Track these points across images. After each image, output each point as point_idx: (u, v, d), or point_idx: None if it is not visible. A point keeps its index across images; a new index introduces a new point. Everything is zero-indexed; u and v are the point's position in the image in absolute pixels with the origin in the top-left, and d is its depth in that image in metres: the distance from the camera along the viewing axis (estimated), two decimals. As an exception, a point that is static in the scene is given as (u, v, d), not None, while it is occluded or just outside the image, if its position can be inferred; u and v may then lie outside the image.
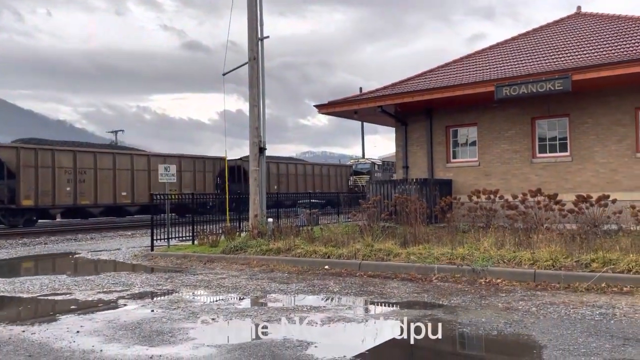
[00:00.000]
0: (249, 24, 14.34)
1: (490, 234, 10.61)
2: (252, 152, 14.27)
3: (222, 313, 6.77)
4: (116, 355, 5.02)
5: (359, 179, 42.82)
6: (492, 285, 8.17)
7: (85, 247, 16.79)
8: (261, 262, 11.11)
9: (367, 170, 43.77)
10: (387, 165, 46.35)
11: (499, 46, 19.22)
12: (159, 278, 9.86)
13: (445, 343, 5.46)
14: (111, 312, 7.03)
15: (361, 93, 20.70)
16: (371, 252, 10.31)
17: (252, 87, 14.26)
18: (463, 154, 17.53)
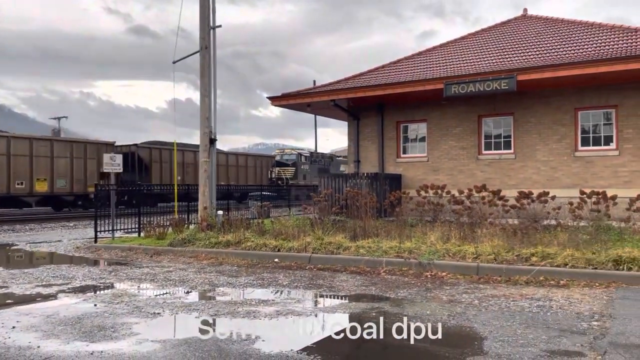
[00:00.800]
0: (200, 11, 14.03)
1: (437, 228, 10.88)
2: (202, 143, 14.01)
3: (167, 307, 6.63)
4: (54, 352, 4.83)
5: (282, 171, 39.53)
6: (438, 278, 8.39)
7: (24, 238, 16.05)
8: (210, 255, 10.95)
9: (292, 162, 40.33)
10: (317, 157, 43.40)
11: (449, 45, 19.64)
12: (102, 271, 9.55)
13: (390, 335, 5.55)
14: (50, 307, 6.75)
15: (315, 86, 20.70)
16: (321, 246, 10.36)
17: (204, 77, 13.98)
18: (413, 150, 17.86)
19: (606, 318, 5.84)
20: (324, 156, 45.74)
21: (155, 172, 31.11)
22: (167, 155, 31.77)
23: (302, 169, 40.46)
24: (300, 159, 41.16)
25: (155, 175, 31.04)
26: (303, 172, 40.45)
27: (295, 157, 41.17)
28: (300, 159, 41.14)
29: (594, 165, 14.84)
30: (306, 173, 40.59)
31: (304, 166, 40.81)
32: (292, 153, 41.80)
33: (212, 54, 14.19)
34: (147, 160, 31.04)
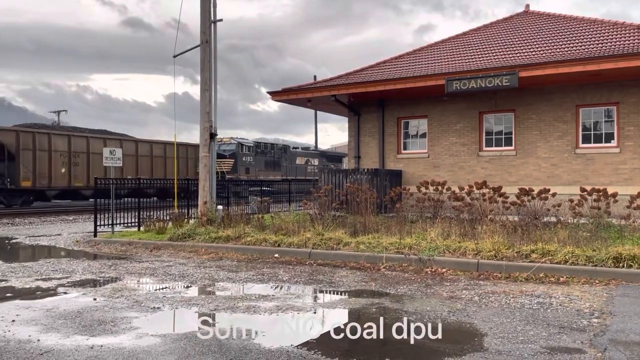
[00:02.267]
0: (201, 5, 13.98)
1: (437, 224, 10.87)
2: (202, 138, 13.99)
3: (167, 302, 6.62)
4: (54, 345, 4.82)
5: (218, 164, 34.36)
6: (438, 274, 8.38)
7: (24, 232, 16.05)
8: (210, 250, 10.94)
9: (230, 153, 34.75)
10: (266, 148, 37.84)
11: (450, 40, 19.59)
12: (102, 265, 9.55)
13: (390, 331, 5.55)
14: (50, 301, 6.75)
15: (315, 81, 20.66)
16: (321, 241, 10.35)
17: (204, 71, 13.94)
18: (413, 146, 17.83)
19: (606, 315, 5.84)
20: (275, 147, 39.98)
21: (25, 162, 24.99)
22: (45, 142, 26.01)
23: (243, 161, 35.29)
24: (241, 149, 35.51)
25: (26, 165, 25.07)
26: (245, 164, 35.43)
27: (235, 147, 35.25)
28: (242, 150, 35.58)
29: (595, 162, 14.82)
30: (249, 166, 35.60)
31: (246, 158, 35.59)
32: (230, 142, 35.60)
33: (212, 48, 14.15)
34: (12, 147, 24.85)
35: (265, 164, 36.69)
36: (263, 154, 37.17)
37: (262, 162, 36.45)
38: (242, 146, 35.92)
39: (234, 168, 34.23)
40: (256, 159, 36.39)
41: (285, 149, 40.92)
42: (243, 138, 38.03)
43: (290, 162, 39.57)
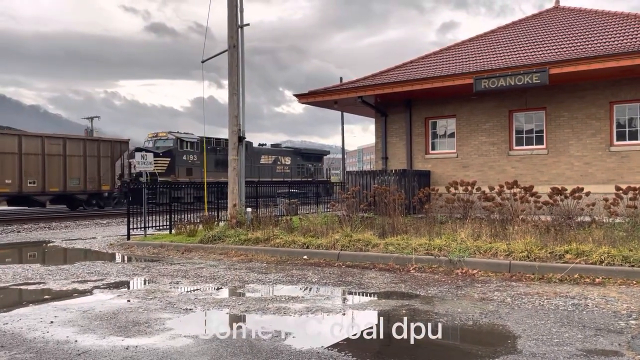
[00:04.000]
0: (229, 11, 14.15)
1: (467, 225, 10.74)
2: (231, 141, 14.15)
3: (199, 303, 6.72)
4: (91, 346, 4.95)
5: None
6: (469, 275, 8.28)
7: (60, 235, 16.50)
8: (239, 252, 11.06)
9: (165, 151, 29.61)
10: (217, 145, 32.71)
11: (478, 39, 19.34)
12: (135, 267, 9.75)
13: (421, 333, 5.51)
14: (86, 302, 6.93)
15: (341, 83, 20.66)
16: (350, 243, 10.35)
17: (232, 75, 14.10)
18: (442, 146, 17.66)
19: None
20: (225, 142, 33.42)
21: None
22: None
23: (183, 160, 30.41)
24: (180, 145, 30.41)
25: None
26: (186, 164, 30.59)
27: (173, 143, 30.25)
28: (182, 146, 30.49)
29: (630, 160, 14.41)
30: (192, 166, 30.87)
31: (188, 156, 30.82)
32: (167, 138, 30.63)
33: (240, 53, 14.30)
34: None
35: (216, 164, 31.04)
36: (213, 151, 31.96)
37: (211, 161, 31.02)
38: (181, 142, 30.75)
39: (169, 168, 29.71)
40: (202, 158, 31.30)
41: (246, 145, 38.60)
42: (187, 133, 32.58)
43: (252, 161, 33.93)
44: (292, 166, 39.00)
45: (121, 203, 29.37)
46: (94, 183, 27.75)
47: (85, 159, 27.36)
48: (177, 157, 30.37)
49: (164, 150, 30.29)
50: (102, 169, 28.17)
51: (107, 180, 28.53)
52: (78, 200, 27.59)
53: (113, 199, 29.38)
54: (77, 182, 27.02)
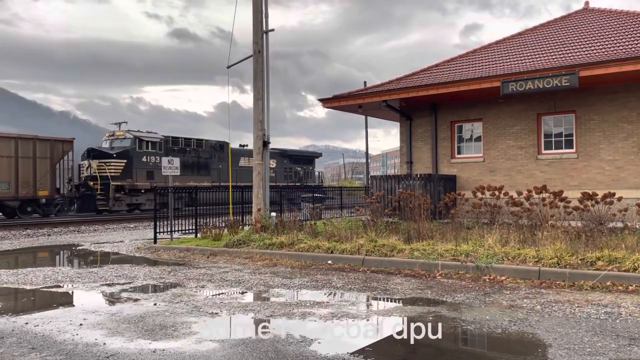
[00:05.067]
0: (254, 16, 14.26)
1: (494, 230, 10.57)
2: (255, 146, 14.23)
3: (225, 307, 6.75)
4: (119, 349, 5.01)
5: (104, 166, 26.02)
6: (496, 282, 8.13)
7: (89, 239, 16.82)
8: (264, 257, 11.09)
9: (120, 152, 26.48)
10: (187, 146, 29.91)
11: (505, 41, 19.08)
12: (162, 271, 9.86)
13: (448, 340, 5.43)
14: (114, 305, 7.03)
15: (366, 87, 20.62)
16: (375, 248, 10.28)
17: (257, 81, 14.19)
18: (468, 150, 17.45)
19: (682, 327, 5.48)
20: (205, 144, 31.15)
21: None
22: None
23: (143, 162, 27.20)
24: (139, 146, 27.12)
25: None
26: (146, 167, 27.37)
27: (130, 143, 26.97)
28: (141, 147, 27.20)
29: (665, 164, 13.98)
30: (155, 169, 27.43)
31: (148, 158, 27.61)
32: (125, 137, 27.41)
33: (265, 58, 14.39)
34: None
35: (185, 166, 28.16)
36: (181, 152, 29.10)
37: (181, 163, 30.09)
38: (141, 142, 27.30)
39: (125, 171, 26.50)
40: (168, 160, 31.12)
41: (222, 146, 32.11)
42: (150, 132, 29.14)
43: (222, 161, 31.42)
44: (278, 169, 35.58)
45: (65, 210, 25.94)
46: (28, 188, 24.00)
47: (17, 161, 23.56)
48: (135, 159, 26.90)
49: (119, 151, 26.83)
50: (38, 172, 24.36)
51: (45, 184, 24.60)
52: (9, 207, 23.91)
53: (55, 206, 25.44)
54: (7, 187, 23.34)
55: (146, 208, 28.01)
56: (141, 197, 27.20)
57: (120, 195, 26.10)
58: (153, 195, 26.14)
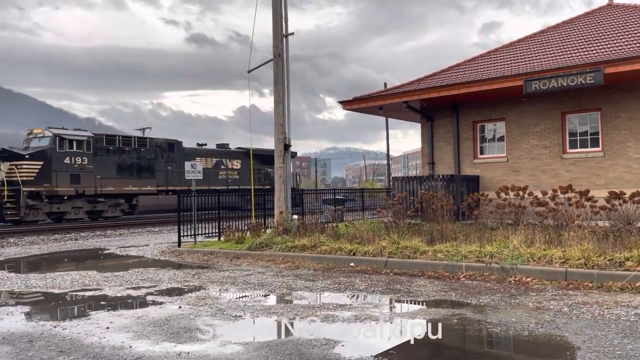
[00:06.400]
0: (273, 20, 14.34)
1: (519, 231, 10.41)
2: (277, 149, 14.29)
3: (248, 310, 6.79)
4: (145, 352, 5.08)
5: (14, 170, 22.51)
6: (522, 284, 8.01)
7: (114, 243, 17.08)
8: (287, 259, 11.12)
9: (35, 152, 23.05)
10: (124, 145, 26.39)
11: (527, 39, 18.82)
12: (186, 274, 9.96)
13: (473, 343, 5.37)
14: (140, 309, 7.12)
15: (386, 89, 20.54)
16: (397, 250, 10.22)
17: (277, 84, 14.26)
18: (491, 150, 17.24)
19: None
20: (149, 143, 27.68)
21: None
22: None
23: (64, 164, 23.59)
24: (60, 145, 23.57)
25: None
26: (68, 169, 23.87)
27: (49, 142, 23.44)
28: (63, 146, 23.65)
29: (696, 161, 13.60)
30: (81, 171, 24.31)
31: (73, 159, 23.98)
32: (43, 135, 23.95)
33: (285, 62, 14.45)
34: None
35: (120, 168, 25.88)
36: (115, 153, 25.82)
37: (112, 165, 25.60)
38: (62, 141, 23.64)
39: (41, 175, 23.00)
40: (98, 161, 24.99)
41: (171, 146, 28.77)
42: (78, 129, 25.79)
43: (180, 164, 27.66)
44: (243, 171, 32.34)
45: None
46: None
47: None
48: (55, 161, 23.21)
49: (33, 152, 23.15)
50: None
51: None
52: None
53: None
54: None
55: (71, 217, 24.23)
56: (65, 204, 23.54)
57: (35, 203, 22.49)
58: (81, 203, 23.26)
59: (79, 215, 24.34)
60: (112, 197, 25.39)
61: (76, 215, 24.14)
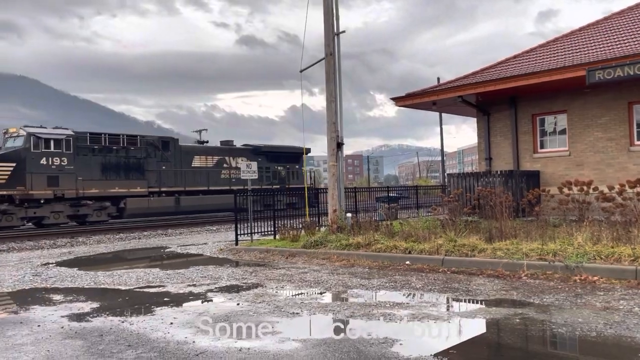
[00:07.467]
0: (324, 19, 14.38)
1: (584, 228, 9.97)
2: (329, 147, 14.33)
3: (305, 307, 6.86)
4: (207, 347, 5.23)
5: None
6: (588, 283, 7.67)
7: (175, 241, 17.68)
8: (341, 257, 11.15)
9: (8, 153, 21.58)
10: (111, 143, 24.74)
11: (589, 27, 17.97)
12: (244, 272, 10.17)
13: (537, 344, 5.20)
14: (201, 305, 7.34)
15: (440, 84, 20.18)
16: (454, 248, 10.03)
17: (329, 83, 14.30)
18: (552, 144, 16.59)
19: None
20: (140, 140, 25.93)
21: None
22: None
23: (40, 165, 21.94)
24: (35, 145, 21.85)
25: None
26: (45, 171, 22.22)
27: (23, 142, 21.83)
28: (38, 146, 21.90)
29: None
30: (60, 173, 22.60)
31: (49, 160, 22.17)
32: (17, 135, 22.37)
33: (336, 60, 14.47)
34: None
35: (105, 169, 24.21)
36: (101, 152, 24.15)
37: (96, 165, 23.82)
38: (38, 140, 21.83)
39: (14, 178, 21.34)
40: (80, 161, 23.16)
41: (166, 143, 26.84)
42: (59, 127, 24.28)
43: (175, 163, 26.82)
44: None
45: None
46: None
47: None
48: (29, 161, 21.51)
49: (5, 152, 21.68)
50: None
51: None
52: None
53: None
54: None
55: (51, 222, 22.58)
56: (42, 208, 22.01)
57: (7, 207, 21.01)
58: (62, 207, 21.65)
59: (60, 220, 22.69)
60: (97, 200, 23.59)
61: (56, 220, 22.56)
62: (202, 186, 27.40)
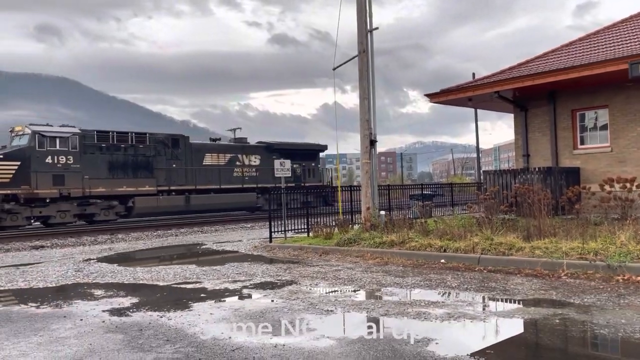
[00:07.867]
0: (358, 16, 14.33)
1: (627, 226, 9.65)
2: (362, 145, 14.29)
3: (339, 305, 6.87)
4: (244, 343, 5.30)
5: None
6: (632, 283, 7.42)
7: (211, 238, 17.96)
8: (375, 255, 11.11)
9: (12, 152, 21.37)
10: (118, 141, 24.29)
11: (632, 19, 17.35)
12: (278, 269, 10.25)
13: (577, 345, 5.07)
14: (237, 301, 7.45)
15: (475, 79, 19.84)
16: (491, 246, 9.86)
17: (362, 80, 14.25)
18: (592, 140, 16.10)
19: None
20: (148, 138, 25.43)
21: None
22: None
23: (45, 164, 21.69)
24: (40, 144, 21.60)
25: None
26: (51, 170, 21.95)
27: (28, 140, 21.59)
28: (43, 145, 21.65)
29: None
30: (66, 171, 22.34)
31: (54, 158, 21.95)
32: (23, 133, 22.12)
33: (369, 57, 14.40)
34: None
35: (113, 167, 23.92)
36: (110, 150, 23.89)
37: (103, 163, 23.54)
38: (42, 138, 21.60)
39: (18, 177, 21.10)
40: (86, 160, 22.92)
41: (176, 141, 26.42)
42: (65, 125, 23.94)
43: (186, 161, 26.40)
44: (263, 167, 29.09)
45: None
46: None
47: None
48: (34, 160, 21.32)
49: (9, 151, 21.38)
50: None
51: None
52: None
53: None
54: None
55: (57, 222, 22.40)
56: (48, 208, 21.86)
57: (12, 207, 20.87)
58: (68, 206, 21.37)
59: (66, 219, 22.53)
60: (105, 199, 23.34)
61: (62, 220, 22.43)
62: (214, 184, 26.96)
